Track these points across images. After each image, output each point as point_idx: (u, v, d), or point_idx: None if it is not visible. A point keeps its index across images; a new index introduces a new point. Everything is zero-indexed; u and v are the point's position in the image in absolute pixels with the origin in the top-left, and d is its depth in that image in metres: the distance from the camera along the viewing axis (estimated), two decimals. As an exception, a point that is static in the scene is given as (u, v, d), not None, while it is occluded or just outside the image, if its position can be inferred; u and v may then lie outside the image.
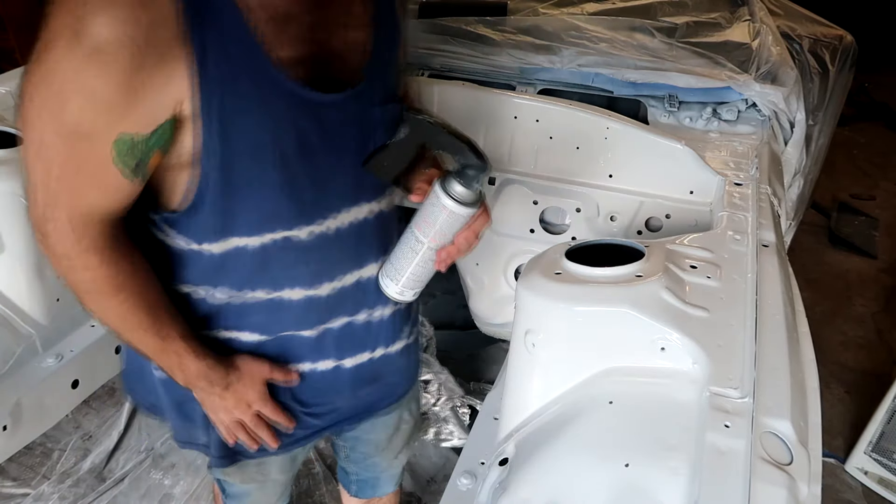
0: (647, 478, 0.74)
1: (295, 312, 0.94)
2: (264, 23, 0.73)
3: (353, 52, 0.84)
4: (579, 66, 1.75)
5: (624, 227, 1.57)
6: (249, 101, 0.75)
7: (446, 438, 2.02)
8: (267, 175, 0.80)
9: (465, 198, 0.86)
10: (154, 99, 0.69)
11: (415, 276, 0.94)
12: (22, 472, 1.97)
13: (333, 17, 0.81)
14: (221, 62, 0.71)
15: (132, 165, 0.73)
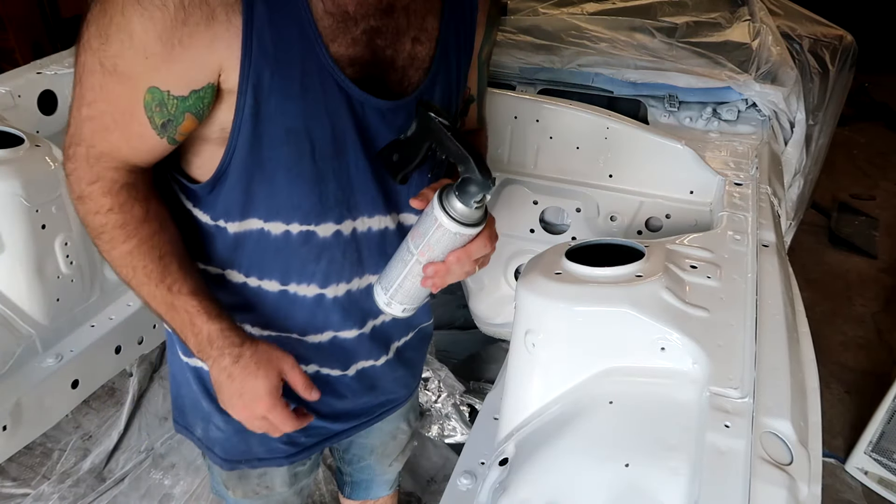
0: (647, 478, 0.74)
1: (305, 311, 0.92)
2: (327, 15, 0.74)
3: (414, 67, 0.84)
4: (579, 66, 1.75)
5: (624, 227, 1.57)
6: (291, 85, 0.74)
7: (449, 435, 2.02)
8: (293, 163, 0.79)
9: (461, 214, 0.77)
10: (194, 59, 0.69)
11: (403, 290, 0.85)
12: (22, 472, 1.97)
13: (400, 28, 0.81)
14: (273, 39, 0.71)
15: (160, 122, 0.73)
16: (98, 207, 0.78)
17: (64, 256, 1.54)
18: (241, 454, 1.02)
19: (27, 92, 1.76)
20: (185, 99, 0.72)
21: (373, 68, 0.80)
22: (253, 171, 0.79)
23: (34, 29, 3.61)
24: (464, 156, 0.75)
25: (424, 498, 1.95)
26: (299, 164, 0.80)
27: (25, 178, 1.41)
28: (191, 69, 0.70)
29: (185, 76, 0.71)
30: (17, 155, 1.42)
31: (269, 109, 0.75)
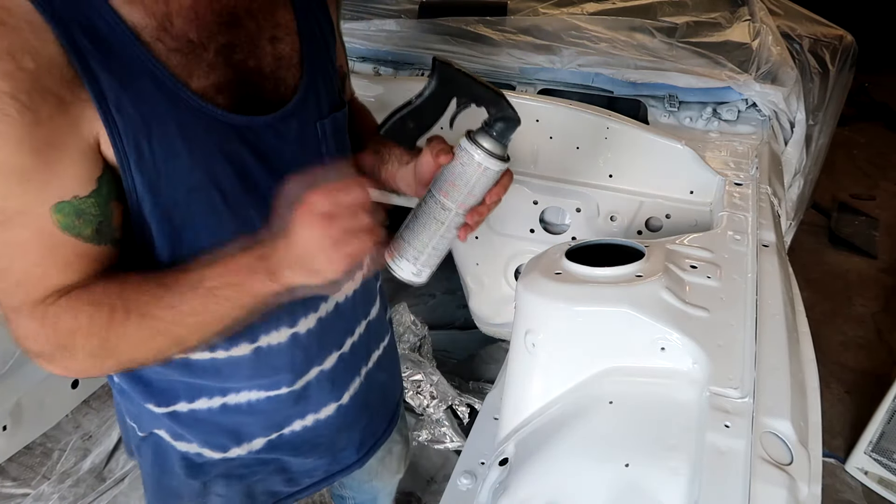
0: (647, 478, 0.74)
1: (284, 357, 0.87)
2: (172, 53, 0.66)
3: (283, 68, 0.77)
4: (579, 66, 1.75)
5: (624, 227, 1.57)
6: (173, 141, 0.67)
7: (440, 440, 2.03)
8: (210, 216, 0.73)
9: (500, 152, 0.79)
10: (73, 151, 0.61)
11: (437, 251, 0.83)
12: (22, 472, 1.97)
13: (250, 35, 0.74)
14: (131, 103, 0.63)
15: (90, 231, 0.65)
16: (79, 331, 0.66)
17: (64, 256, 1.54)
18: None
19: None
20: (98, 191, 0.64)
21: (243, 87, 0.73)
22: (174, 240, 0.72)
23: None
24: (495, 96, 0.78)
25: (424, 498, 1.95)
26: (214, 214, 0.73)
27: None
28: (79, 161, 0.62)
29: (79, 172, 0.62)
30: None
31: (163, 176, 0.67)
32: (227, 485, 0.97)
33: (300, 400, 0.93)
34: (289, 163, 0.78)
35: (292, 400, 0.92)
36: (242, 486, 0.98)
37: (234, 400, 0.88)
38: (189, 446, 0.92)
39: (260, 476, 0.98)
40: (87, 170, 0.63)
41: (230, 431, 0.91)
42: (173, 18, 0.66)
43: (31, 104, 0.57)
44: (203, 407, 0.88)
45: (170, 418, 0.89)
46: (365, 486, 1.31)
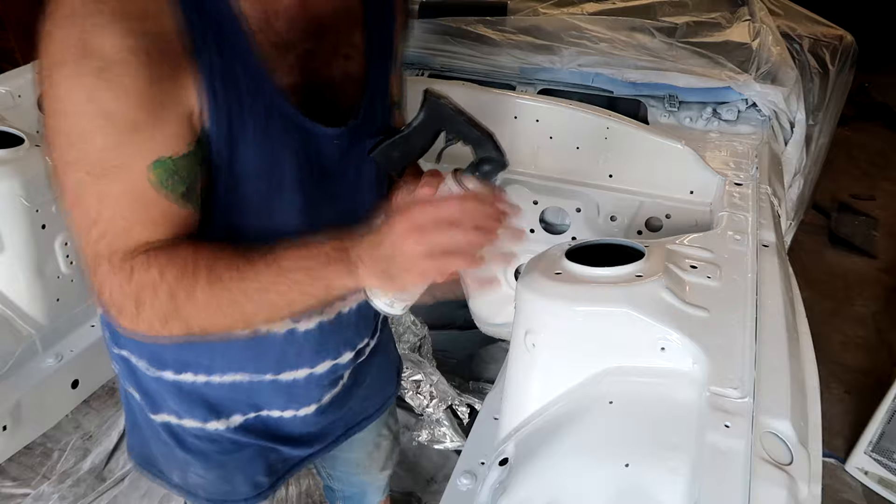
0: (647, 478, 0.74)
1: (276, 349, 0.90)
2: (268, 48, 0.70)
3: (347, 84, 0.81)
4: (579, 66, 1.75)
5: (624, 227, 1.57)
6: (256, 124, 0.71)
7: (439, 440, 2.03)
8: (262, 203, 0.77)
9: None
10: (178, 112, 0.66)
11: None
12: (22, 472, 1.97)
13: (332, 48, 0.78)
14: (228, 82, 0.68)
15: (179, 192, 0.68)
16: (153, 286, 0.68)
17: (64, 256, 1.54)
18: (225, 494, 1.02)
19: (27, 92, 1.76)
20: (192, 154, 0.68)
21: (312, 93, 0.77)
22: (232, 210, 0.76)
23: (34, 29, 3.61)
24: (480, 137, 0.77)
25: (424, 498, 1.95)
26: (266, 203, 0.77)
27: (25, 178, 1.41)
28: (180, 123, 0.66)
29: (179, 133, 0.66)
30: (17, 155, 1.42)
31: (243, 151, 0.72)
32: (206, 468, 0.99)
33: (282, 392, 0.95)
34: (337, 172, 0.82)
35: (275, 389, 0.94)
36: (222, 472, 1.00)
37: (219, 380, 0.91)
38: (169, 417, 0.95)
39: (238, 463, 1.00)
40: (186, 132, 0.67)
41: (210, 405, 0.93)
42: (274, 16, 0.71)
43: (151, 63, 0.61)
44: (188, 380, 0.90)
45: (156, 383, 0.92)
46: (353, 478, 1.32)
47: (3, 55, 3.45)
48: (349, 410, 1.09)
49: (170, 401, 0.93)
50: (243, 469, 1.01)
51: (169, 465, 1.01)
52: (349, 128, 0.81)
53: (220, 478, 1.00)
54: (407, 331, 2.25)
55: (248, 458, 1.00)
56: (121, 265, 0.68)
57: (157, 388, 0.93)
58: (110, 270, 0.68)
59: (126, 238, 0.68)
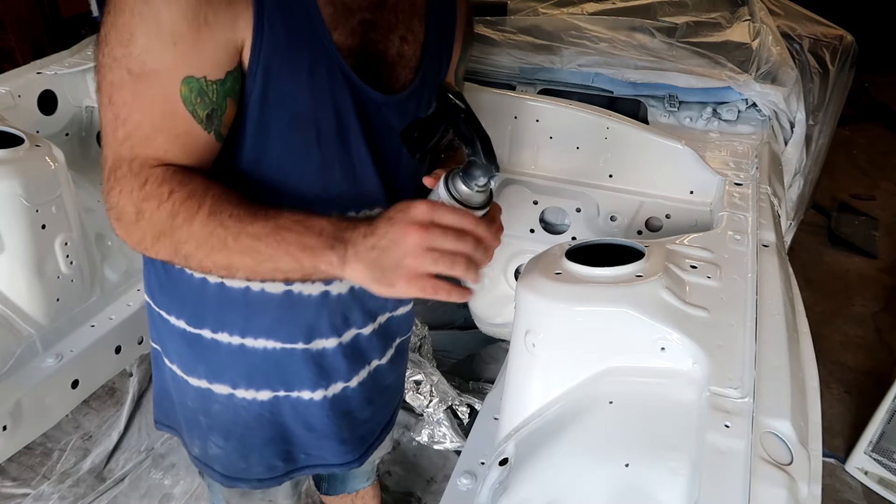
0: (647, 478, 0.74)
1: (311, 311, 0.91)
2: (328, 4, 0.74)
3: (402, 65, 0.86)
4: (579, 66, 1.75)
5: (624, 227, 1.57)
6: (299, 70, 0.74)
7: (439, 441, 2.03)
8: (299, 149, 0.79)
9: (463, 196, 0.76)
10: (222, 38, 0.68)
11: None
12: (22, 472, 1.97)
13: (391, 24, 0.83)
14: (283, 22, 0.71)
15: (204, 114, 0.71)
16: (160, 198, 0.70)
17: (64, 256, 1.54)
18: (241, 472, 1.02)
19: (27, 92, 1.76)
20: (223, 82, 0.71)
21: (367, 60, 0.81)
22: (259, 157, 0.78)
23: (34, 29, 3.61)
24: (471, 139, 0.75)
25: (424, 498, 1.95)
26: (305, 150, 0.79)
27: (25, 178, 1.41)
28: (221, 49, 0.69)
29: (217, 58, 0.69)
30: (17, 155, 1.42)
31: (277, 94, 0.74)
32: (226, 439, 0.99)
33: (312, 366, 0.95)
34: (380, 141, 0.85)
35: (305, 361, 0.94)
36: (240, 446, 1.00)
37: (252, 344, 0.92)
38: (199, 382, 0.96)
39: (258, 440, 1.00)
40: (225, 60, 0.70)
41: (243, 372, 0.94)
42: None
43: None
44: (224, 341, 0.92)
45: (192, 343, 0.93)
46: None
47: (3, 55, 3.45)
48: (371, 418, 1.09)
49: (203, 363, 0.95)
50: (261, 448, 1.01)
51: (191, 435, 1.02)
52: (395, 100, 0.84)
53: (237, 451, 1.00)
54: (407, 331, 2.24)
55: (268, 438, 1.01)
56: (138, 171, 0.71)
57: (193, 350, 0.94)
58: (128, 173, 0.71)
59: (149, 146, 0.71)
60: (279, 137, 0.77)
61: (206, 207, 0.71)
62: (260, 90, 0.73)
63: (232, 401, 0.96)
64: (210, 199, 0.71)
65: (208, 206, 0.71)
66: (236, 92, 0.72)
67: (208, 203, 0.71)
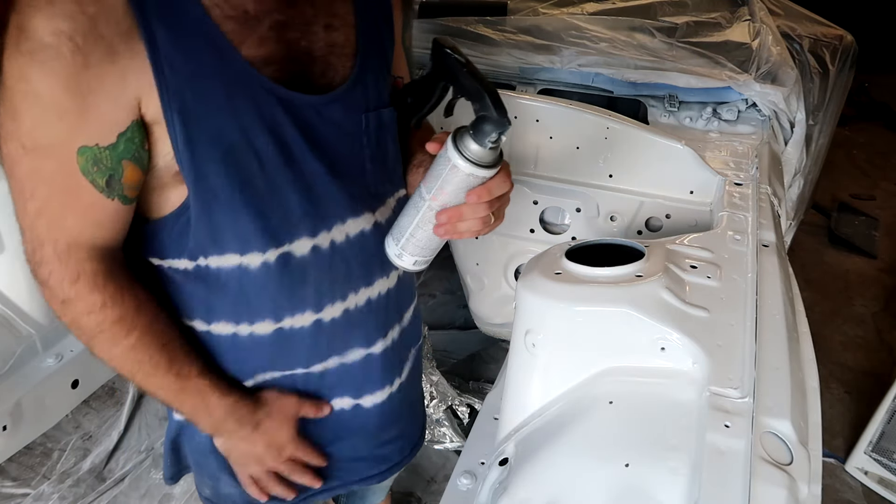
0: (647, 478, 0.74)
1: (306, 343, 0.87)
2: (228, 19, 0.68)
3: (336, 55, 0.79)
4: (579, 66, 1.75)
5: (624, 227, 1.57)
6: (216, 100, 0.69)
7: (440, 441, 2.03)
8: (246, 182, 0.74)
9: (476, 155, 0.73)
10: (109, 101, 0.64)
11: (415, 239, 0.82)
12: (22, 472, 1.97)
13: (308, 16, 0.76)
14: (183, 57, 0.66)
15: (103, 182, 0.68)
16: (90, 307, 0.72)
17: (64, 256, 1.54)
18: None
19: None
20: (114, 146, 0.67)
21: (292, 64, 0.75)
22: (210, 202, 0.73)
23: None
24: (479, 92, 0.71)
25: (424, 498, 1.95)
26: (250, 183, 0.74)
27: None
28: (109, 113, 0.65)
29: (106, 122, 0.65)
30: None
31: (202, 134, 0.69)
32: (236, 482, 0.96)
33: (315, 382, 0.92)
34: (331, 146, 0.80)
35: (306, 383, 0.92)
36: None
37: (251, 383, 0.89)
38: None
39: None
40: (115, 122, 0.66)
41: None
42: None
43: (85, 48, 0.60)
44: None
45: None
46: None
47: (3, 55, 3.45)
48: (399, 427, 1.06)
49: None
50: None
51: (201, 477, 0.99)
52: (332, 97, 0.78)
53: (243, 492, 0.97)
54: (407, 331, 2.24)
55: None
56: (66, 260, 0.70)
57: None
58: (54, 258, 0.70)
59: (63, 227, 0.70)
60: (219, 177, 0.72)
61: (132, 338, 0.75)
62: (183, 135, 0.68)
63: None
64: (138, 330, 0.75)
65: (134, 338, 0.75)
66: (132, 151, 0.68)
67: (135, 335, 0.75)
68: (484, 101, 0.71)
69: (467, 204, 0.78)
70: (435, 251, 0.85)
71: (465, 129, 0.74)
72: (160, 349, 0.77)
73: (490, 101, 0.71)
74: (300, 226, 0.80)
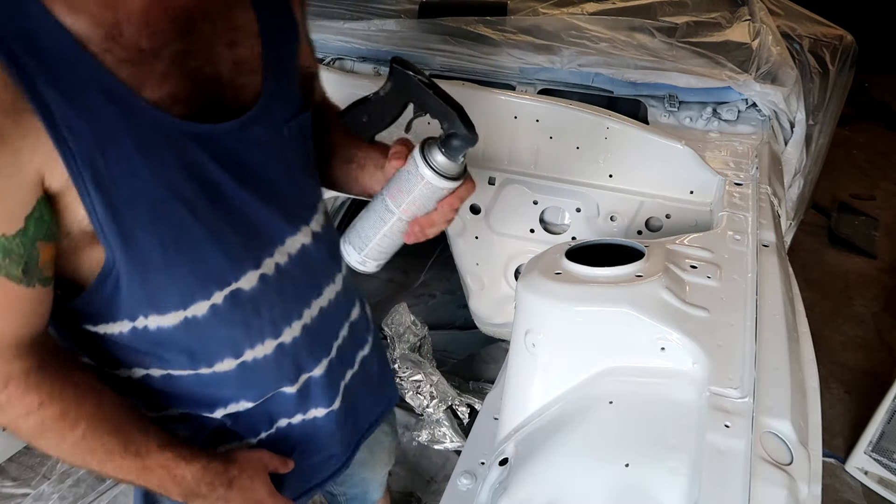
0: (647, 478, 0.74)
1: (271, 369, 0.85)
2: (122, 64, 0.62)
3: (243, 74, 0.73)
4: (579, 66, 1.75)
5: (624, 227, 1.57)
6: (131, 158, 0.63)
7: (440, 441, 2.03)
8: (180, 234, 0.69)
9: (447, 170, 0.77)
10: (8, 186, 0.57)
11: (381, 247, 0.85)
12: (22, 472, 1.97)
13: (209, 39, 0.70)
14: (83, 120, 0.59)
15: (19, 271, 0.61)
16: (26, 409, 0.66)
17: (64, 256, 1.54)
18: None
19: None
20: (24, 231, 0.60)
21: (201, 95, 0.69)
22: (142, 264, 0.68)
23: None
24: (448, 112, 0.74)
25: (424, 498, 1.95)
26: (186, 233, 0.70)
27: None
28: (10, 199, 0.58)
29: (8, 209, 0.58)
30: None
31: (122, 196, 0.63)
32: None
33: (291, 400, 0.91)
34: (255, 169, 0.75)
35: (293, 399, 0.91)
36: None
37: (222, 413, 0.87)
38: None
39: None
40: (18, 208, 0.59)
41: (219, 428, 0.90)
42: (123, 26, 0.61)
43: None
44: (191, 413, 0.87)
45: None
46: (356, 479, 1.31)
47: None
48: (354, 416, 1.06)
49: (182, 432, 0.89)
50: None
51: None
52: (249, 118, 0.73)
53: None
54: (407, 331, 2.25)
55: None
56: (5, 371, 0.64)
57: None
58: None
59: None
60: (151, 237, 0.67)
61: (79, 430, 0.69)
62: (102, 203, 0.62)
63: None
64: (84, 421, 0.70)
65: (82, 429, 0.69)
66: (44, 230, 0.61)
67: (82, 427, 0.69)
68: (454, 121, 0.74)
69: (439, 212, 0.82)
70: (395, 251, 0.89)
71: (434, 146, 0.77)
72: (112, 433, 0.72)
73: (460, 120, 0.74)
74: (244, 261, 0.77)
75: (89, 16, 0.59)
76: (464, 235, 1.73)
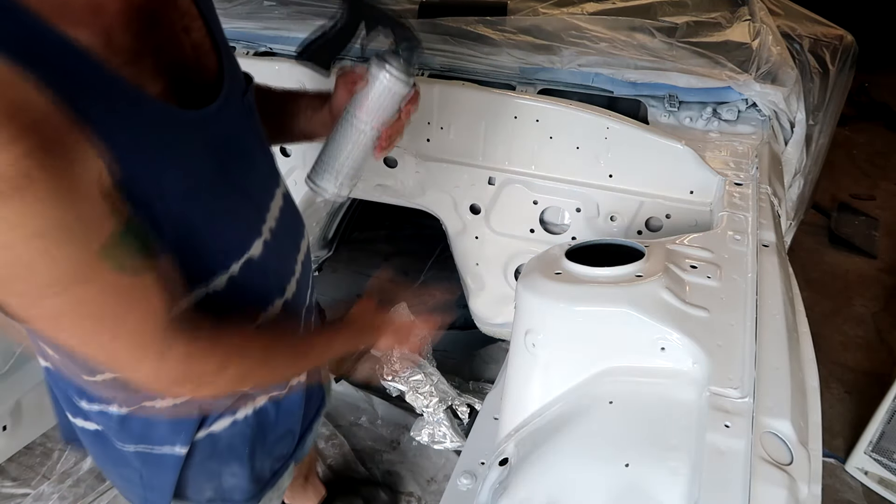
0: (647, 478, 0.74)
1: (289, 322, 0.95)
2: (124, 67, 0.63)
3: (201, 56, 0.77)
4: (579, 66, 1.75)
5: (624, 227, 1.57)
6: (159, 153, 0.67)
7: (440, 441, 2.03)
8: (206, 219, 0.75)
9: (404, 72, 0.92)
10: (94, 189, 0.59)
11: (356, 166, 0.98)
12: (22, 472, 1.97)
13: (170, 31, 0.73)
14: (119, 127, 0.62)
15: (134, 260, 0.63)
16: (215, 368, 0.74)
17: (64, 256, 1.54)
18: (261, 482, 1.02)
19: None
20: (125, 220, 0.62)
21: (180, 83, 0.72)
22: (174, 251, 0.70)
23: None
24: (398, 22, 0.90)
25: (424, 498, 1.95)
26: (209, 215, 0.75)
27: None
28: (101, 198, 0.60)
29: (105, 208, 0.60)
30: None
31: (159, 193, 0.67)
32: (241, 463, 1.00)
33: None
34: (241, 144, 0.82)
35: None
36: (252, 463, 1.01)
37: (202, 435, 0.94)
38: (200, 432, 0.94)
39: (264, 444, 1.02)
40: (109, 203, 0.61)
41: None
42: (112, 31, 0.63)
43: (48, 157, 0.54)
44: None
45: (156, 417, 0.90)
46: None
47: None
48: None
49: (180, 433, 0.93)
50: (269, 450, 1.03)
51: (196, 485, 0.98)
52: (225, 95, 0.77)
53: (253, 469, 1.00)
54: (407, 331, 2.24)
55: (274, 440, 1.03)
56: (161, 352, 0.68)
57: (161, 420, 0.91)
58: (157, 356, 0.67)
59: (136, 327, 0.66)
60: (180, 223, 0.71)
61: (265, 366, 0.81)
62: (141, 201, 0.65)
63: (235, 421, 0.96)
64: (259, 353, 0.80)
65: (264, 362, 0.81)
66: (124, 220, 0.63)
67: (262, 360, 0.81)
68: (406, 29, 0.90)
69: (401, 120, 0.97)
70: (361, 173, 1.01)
71: (392, 57, 0.91)
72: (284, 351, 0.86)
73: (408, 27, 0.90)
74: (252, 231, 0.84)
75: (87, 27, 0.61)
76: (464, 235, 1.73)
